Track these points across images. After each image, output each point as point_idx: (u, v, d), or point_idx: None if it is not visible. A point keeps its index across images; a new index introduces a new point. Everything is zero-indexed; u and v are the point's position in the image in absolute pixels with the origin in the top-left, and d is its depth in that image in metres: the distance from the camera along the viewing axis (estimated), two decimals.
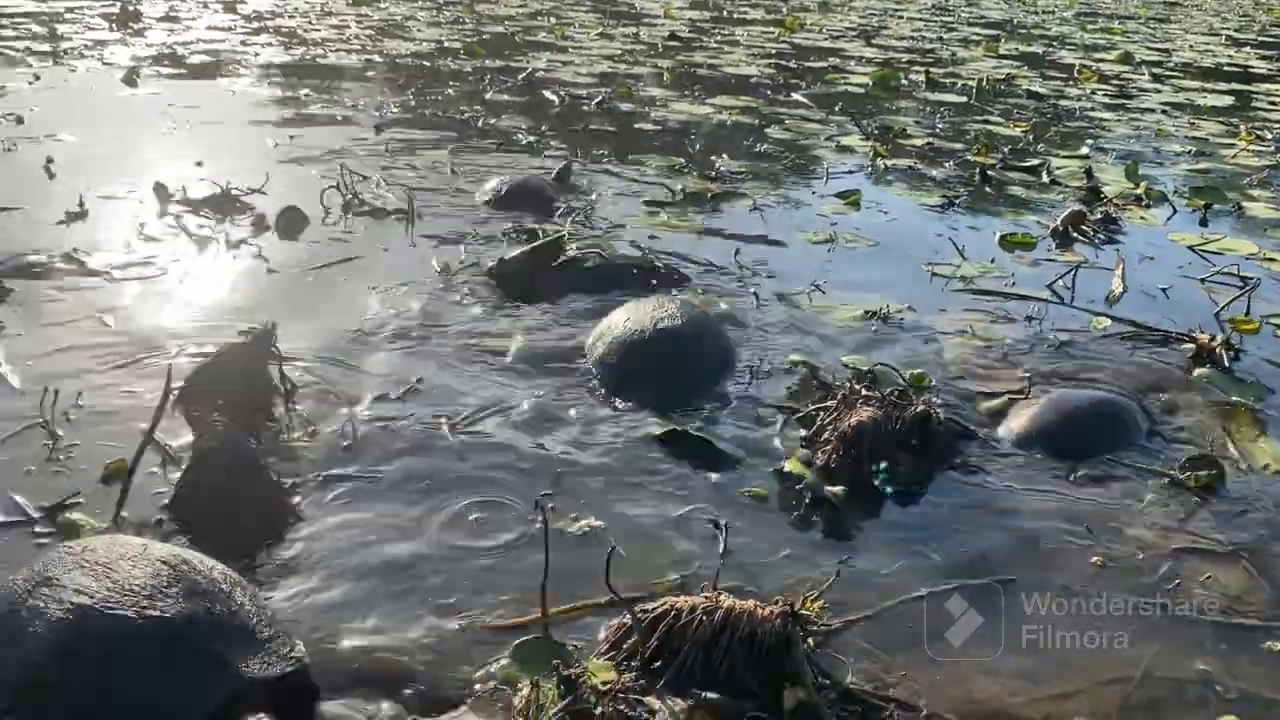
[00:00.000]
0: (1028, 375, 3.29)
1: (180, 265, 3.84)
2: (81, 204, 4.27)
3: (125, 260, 3.81)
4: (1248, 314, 3.96)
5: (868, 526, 2.52)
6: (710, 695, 1.86)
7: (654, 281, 3.88)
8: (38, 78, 6.97)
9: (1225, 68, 11.58)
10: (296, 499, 2.43)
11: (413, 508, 2.43)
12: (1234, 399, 3.19)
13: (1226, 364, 3.44)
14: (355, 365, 3.11)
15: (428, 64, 8.53)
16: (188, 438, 2.61)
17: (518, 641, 2.01)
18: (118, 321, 3.31)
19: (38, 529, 2.27)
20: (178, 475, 2.42)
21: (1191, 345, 3.54)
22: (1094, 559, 2.40)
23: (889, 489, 2.61)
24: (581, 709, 1.81)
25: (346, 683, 1.89)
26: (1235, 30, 16.23)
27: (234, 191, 4.52)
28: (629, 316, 3.27)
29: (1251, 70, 11.50)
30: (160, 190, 4.43)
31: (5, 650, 1.75)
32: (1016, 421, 2.97)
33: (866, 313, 3.72)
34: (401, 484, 2.52)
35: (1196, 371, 3.38)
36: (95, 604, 1.75)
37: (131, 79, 7.05)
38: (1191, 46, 13.44)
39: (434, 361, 3.17)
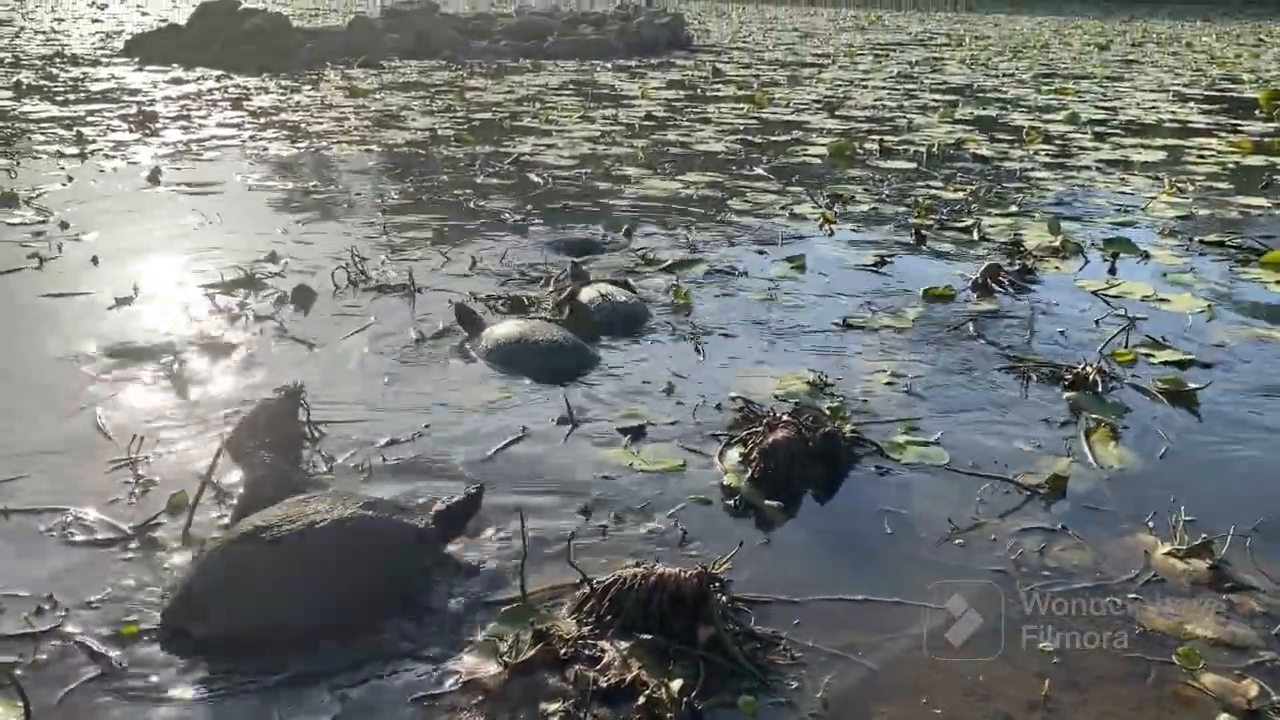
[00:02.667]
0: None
1: (224, 338, 4.54)
2: (135, 290, 5.01)
3: (182, 335, 4.51)
4: (1126, 347, 4.65)
5: (781, 522, 3.19)
6: (646, 636, 2.51)
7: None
8: (71, 179, 7.74)
9: (1166, 124, 12.43)
10: None
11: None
12: (1094, 416, 3.87)
13: (1099, 389, 4.12)
14: (368, 414, 3.79)
15: (422, 152, 9.34)
16: (238, 474, 3.27)
17: (504, 609, 2.65)
18: (179, 385, 4.01)
19: (131, 543, 2.92)
20: (234, 500, 3.09)
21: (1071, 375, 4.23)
22: (957, 541, 3.06)
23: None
24: (550, 649, 2.46)
25: None
26: (1184, 85, 17.19)
27: (257, 275, 5.25)
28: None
29: (1190, 125, 12.34)
30: (223, 278, 5.17)
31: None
32: None
33: (804, 380, 4.31)
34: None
35: (1066, 395, 4.07)
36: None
37: (155, 177, 7.82)
38: (1138, 104, 14.33)
39: (431, 407, 3.86)
